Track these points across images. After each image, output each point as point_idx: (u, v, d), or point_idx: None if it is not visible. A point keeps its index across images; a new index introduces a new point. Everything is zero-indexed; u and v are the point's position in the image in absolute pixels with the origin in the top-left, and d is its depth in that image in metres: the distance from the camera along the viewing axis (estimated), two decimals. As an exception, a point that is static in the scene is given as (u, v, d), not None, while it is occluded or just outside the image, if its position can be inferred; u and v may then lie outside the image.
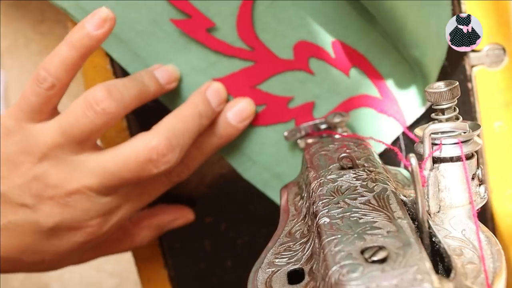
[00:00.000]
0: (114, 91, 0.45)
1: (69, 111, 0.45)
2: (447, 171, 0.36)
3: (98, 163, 0.46)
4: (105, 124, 0.45)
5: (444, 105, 0.37)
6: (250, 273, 0.35)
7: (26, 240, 0.47)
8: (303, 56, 0.51)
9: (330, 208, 0.34)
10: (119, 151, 0.46)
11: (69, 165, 0.46)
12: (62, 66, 0.45)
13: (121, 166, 0.45)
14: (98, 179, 0.46)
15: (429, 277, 0.26)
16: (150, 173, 0.46)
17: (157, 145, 0.45)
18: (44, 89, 0.45)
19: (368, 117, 0.52)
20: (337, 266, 0.28)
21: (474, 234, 0.33)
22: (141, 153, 0.45)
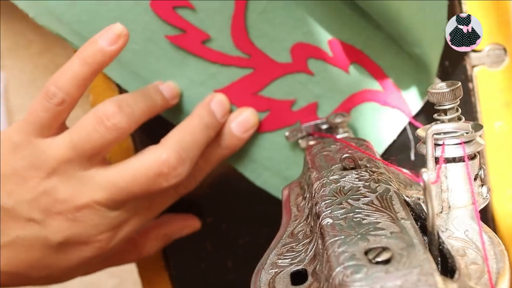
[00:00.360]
0: (124, 106, 0.45)
1: (79, 126, 0.45)
2: (450, 171, 0.36)
3: (108, 177, 0.46)
4: (116, 139, 0.45)
5: (447, 106, 0.37)
6: (251, 274, 0.35)
7: (35, 255, 0.47)
8: (301, 57, 0.51)
9: (333, 209, 0.34)
10: (128, 165, 0.46)
11: (78, 180, 0.45)
12: (73, 82, 0.45)
13: (130, 181, 0.45)
14: (107, 194, 0.46)
15: (433, 278, 0.26)
16: (160, 186, 0.46)
17: (168, 158, 0.45)
18: (54, 104, 0.45)
19: (372, 111, 0.52)
20: (341, 267, 0.28)
21: (477, 234, 0.33)
22: (151, 167, 0.45)
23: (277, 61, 0.51)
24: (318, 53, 0.51)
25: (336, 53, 0.51)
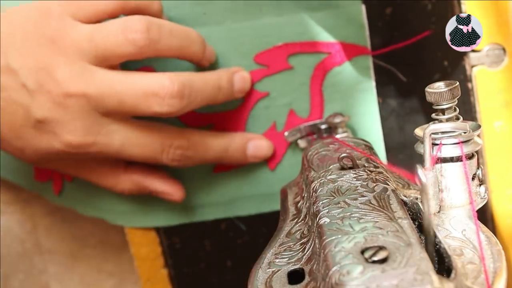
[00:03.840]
0: (153, 30, 0.45)
1: (105, 25, 0.46)
2: (448, 171, 0.36)
3: (107, 77, 0.46)
4: (130, 54, 0.46)
5: (445, 105, 0.37)
6: (250, 273, 0.35)
7: (16, 121, 0.47)
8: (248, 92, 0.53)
9: (330, 208, 0.34)
10: (131, 76, 0.46)
11: (80, 69, 0.45)
12: (154, 11, 0.48)
13: (126, 89, 0.45)
14: (100, 93, 0.45)
15: (430, 277, 0.26)
16: (151, 108, 0.46)
17: (170, 85, 0.45)
18: (104, 4, 0.47)
19: (337, 75, 0.52)
20: (337, 266, 0.28)
21: (474, 234, 0.33)
22: (151, 84, 0.45)
23: (232, 109, 0.52)
24: (258, 74, 0.52)
25: (270, 62, 0.52)
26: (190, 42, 0.48)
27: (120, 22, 0.46)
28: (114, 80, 0.46)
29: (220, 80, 0.49)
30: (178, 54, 0.48)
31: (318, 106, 0.52)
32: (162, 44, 0.46)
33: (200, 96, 0.48)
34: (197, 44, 0.49)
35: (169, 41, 0.46)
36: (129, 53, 0.45)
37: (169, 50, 0.47)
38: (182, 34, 0.48)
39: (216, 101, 0.50)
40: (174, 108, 0.46)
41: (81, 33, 0.46)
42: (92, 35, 0.45)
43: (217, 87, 0.49)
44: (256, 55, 0.52)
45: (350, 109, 0.52)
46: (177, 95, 0.45)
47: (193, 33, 0.49)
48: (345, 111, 0.52)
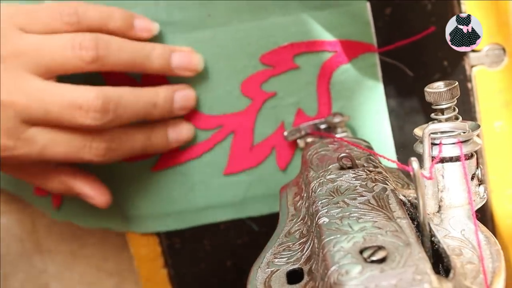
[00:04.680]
0: (102, 47, 0.46)
1: (54, 38, 0.46)
2: (447, 171, 0.36)
3: (39, 88, 0.46)
4: (76, 68, 0.46)
5: (444, 105, 0.37)
6: (249, 273, 0.35)
7: None
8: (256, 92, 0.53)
9: (329, 208, 0.34)
10: (61, 87, 0.46)
11: (15, 77, 0.46)
12: (91, 22, 0.47)
13: (54, 100, 0.46)
14: (29, 102, 0.46)
15: (428, 277, 0.26)
16: (74, 120, 0.46)
17: (95, 99, 0.46)
18: (61, 20, 0.47)
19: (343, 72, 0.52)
20: (336, 266, 0.28)
21: (473, 234, 0.33)
22: (77, 97, 0.46)
23: (240, 110, 0.53)
24: (262, 76, 0.52)
25: (276, 62, 0.52)
26: (144, 55, 0.49)
27: (69, 37, 0.46)
28: (44, 90, 0.46)
29: (157, 97, 0.50)
30: (129, 69, 0.49)
31: (326, 104, 0.52)
32: (110, 59, 0.47)
33: (130, 111, 0.48)
34: (156, 57, 0.49)
35: (118, 56, 0.47)
36: (75, 67, 0.46)
37: (118, 65, 0.48)
38: (135, 49, 0.48)
39: (152, 117, 0.50)
40: (97, 121, 0.46)
41: (27, 42, 0.46)
42: (39, 45, 0.46)
43: (151, 103, 0.49)
44: (262, 56, 0.52)
45: (358, 107, 0.52)
46: (100, 110, 0.46)
47: (155, 48, 0.49)
48: (353, 109, 0.52)
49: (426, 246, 0.33)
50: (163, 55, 0.50)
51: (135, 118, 0.49)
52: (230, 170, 0.54)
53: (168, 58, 0.50)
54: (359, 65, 0.52)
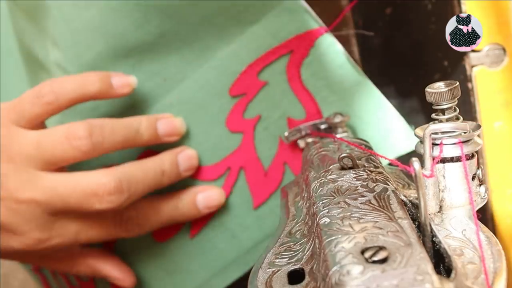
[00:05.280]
0: (96, 134, 0.47)
1: (51, 132, 0.48)
2: (448, 171, 0.36)
3: (52, 182, 0.48)
4: (76, 159, 0.48)
5: (445, 105, 0.37)
6: (250, 273, 0.35)
7: None
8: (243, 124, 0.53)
9: (330, 208, 0.34)
10: (73, 177, 0.48)
11: (29, 176, 0.48)
12: (68, 94, 0.48)
13: (68, 191, 0.47)
14: (46, 197, 0.48)
15: (430, 277, 0.26)
16: (93, 207, 0.47)
17: (107, 183, 0.47)
18: (41, 102, 0.48)
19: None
20: (337, 266, 0.28)
21: (474, 234, 0.33)
22: (90, 185, 0.47)
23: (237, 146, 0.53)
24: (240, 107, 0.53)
25: (245, 89, 0.52)
26: (134, 132, 0.50)
27: (63, 129, 0.48)
28: (58, 183, 0.48)
29: (162, 165, 0.51)
30: (127, 146, 0.50)
31: (309, 101, 0.52)
32: (106, 144, 0.48)
33: (141, 185, 0.49)
34: (148, 130, 0.50)
35: (112, 139, 0.48)
36: (75, 158, 0.48)
37: (114, 147, 0.49)
38: (127, 128, 0.49)
39: (162, 185, 0.51)
40: (114, 203, 0.48)
41: (27, 140, 0.48)
42: (38, 142, 0.48)
43: (159, 172, 0.50)
44: (230, 90, 0.52)
45: (339, 87, 0.52)
46: (115, 192, 0.47)
47: (142, 120, 0.50)
48: (336, 92, 0.52)
49: (427, 246, 0.33)
50: (150, 125, 0.51)
51: (148, 191, 0.50)
52: (258, 202, 0.54)
53: (155, 128, 0.51)
54: (319, 51, 0.51)
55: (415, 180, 0.31)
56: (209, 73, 0.52)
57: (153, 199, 0.52)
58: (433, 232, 0.33)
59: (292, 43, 0.51)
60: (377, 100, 0.51)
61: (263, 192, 0.53)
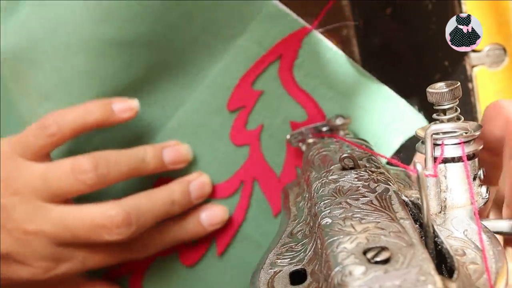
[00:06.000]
0: (101, 166, 0.48)
1: (56, 165, 0.49)
2: (449, 171, 0.36)
3: (60, 215, 0.48)
4: (82, 191, 0.48)
5: (446, 106, 0.37)
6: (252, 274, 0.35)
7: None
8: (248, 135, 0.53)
9: (332, 208, 0.34)
10: (81, 209, 0.48)
11: (35, 208, 0.48)
12: (71, 124, 0.49)
13: (77, 224, 0.48)
14: (55, 229, 0.48)
15: (432, 277, 0.26)
16: (101, 238, 0.48)
17: (115, 215, 0.48)
18: (45, 134, 0.48)
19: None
20: (339, 266, 0.28)
21: (476, 234, 0.33)
22: (98, 217, 0.48)
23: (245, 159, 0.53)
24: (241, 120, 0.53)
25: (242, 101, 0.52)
26: (139, 161, 0.50)
27: (69, 163, 0.48)
28: (66, 216, 0.48)
29: (172, 195, 0.51)
30: (130, 176, 0.50)
31: (308, 101, 0.52)
32: (111, 176, 0.49)
33: (150, 216, 0.50)
34: (153, 160, 0.51)
35: (117, 171, 0.49)
36: (80, 191, 0.49)
37: (120, 178, 0.49)
38: (132, 158, 0.50)
39: (174, 214, 0.52)
40: (123, 235, 0.48)
41: (33, 173, 0.49)
42: (44, 175, 0.49)
43: (169, 202, 0.51)
44: (228, 105, 0.52)
45: (335, 82, 0.52)
46: (123, 224, 0.48)
47: (146, 149, 0.51)
48: (333, 87, 0.52)
49: (430, 246, 0.33)
50: (156, 154, 0.51)
51: (158, 219, 0.51)
52: (277, 209, 0.54)
53: (161, 157, 0.51)
54: (308, 50, 0.51)
55: (417, 181, 0.31)
56: (205, 93, 0.52)
57: (159, 224, 0.52)
58: (435, 233, 0.33)
59: (279, 48, 0.51)
60: (375, 86, 0.52)
61: (280, 199, 0.53)
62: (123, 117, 0.50)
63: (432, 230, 0.33)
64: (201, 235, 0.53)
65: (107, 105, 0.50)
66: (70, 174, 0.48)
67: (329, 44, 0.51)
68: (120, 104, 0.50)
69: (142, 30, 0.50)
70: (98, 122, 0.50)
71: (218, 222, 0.53)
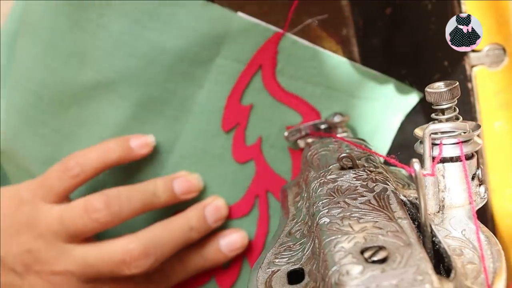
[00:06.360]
0: (113, 204, 0.49)
1: (71, 207, 0.50)
2: (447, 171, 0.36)
3: (82, 254, 0.50)
4: (97, 229, 0.50)
5: (444, 105, 0.37)
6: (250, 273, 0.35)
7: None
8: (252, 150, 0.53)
9: (330, 208, 0.34)
10: (101, 247, 0.50)
11: (59, 249, 0.50)
12: (93, 163, 0.50)
13: (99, 261, 0.49)
14: (79, 268, 0.49)
15: (429, 277, 0.26)
16: (123, 273, 0.49)
17: (133, 249, 0.48)
18: (68, 176, 0.50)
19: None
20: (337, 266, 0.28)
21: (474, 234, 0.33)
22: (117, 253, 0.49)
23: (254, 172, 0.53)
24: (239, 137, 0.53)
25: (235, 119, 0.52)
26: (151, 195, 0.51)
27: (82, 203, 0.49)
28: (88, 255, 0.50)
29: (189, 221, 0.51)
30: (143, 211, 0.51)
31: (299, 103, 0.52)
32: (124, 213, 0.49)
33: (169, 246, 0.50)
34: (165, 193, 0.51)
35: (130, 207, 0.50)
36: (95, 230, 0.49)
37: (133, 214, 0.50)
38: (143, 192, 0.50)
39: (192, 241, 0.52)
40: (142, 268, 0.49)
41: (52, 216, 0.50)
42: (61, 218, 0.50)
43: (187, 230, 0.51)
44: (222, 126, 0.52)
45: (320, 78, 0.52)
46: (142, 257, 0.49)
47: (157, 182, 0.51)
48: (320, 83, 0.51)
49: (427, 246, 0.33)
50: (167, 187, 0.51)
51: (177, 248, 0.51)
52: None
53: (172, 189, 0.52)
54: (286, 53, 0.51)
55: (415, 180, 0.31)
56: (197, 120, 0.52)
57: (179, 253, 0.52)
58: (433, 232, 0.33)
59: (257, 59, 0.51)
60: (361, 71, 0.51)
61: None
62: (142, 153, 0.51)
63: (430, 229, 0.33)
64: (223, 261, 0.54)
65: (125, 143, 0.51)
66: (84, 214, 0.49)
67: (305, 43, 0.51)
68: (137, 141, 0.51)
69: (117, 68, 0.51)
70: (119, 160, 0.51)
71: (238, 248, 0.53)
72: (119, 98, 0.52)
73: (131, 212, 0.50)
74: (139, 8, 0.50)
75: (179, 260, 0.52)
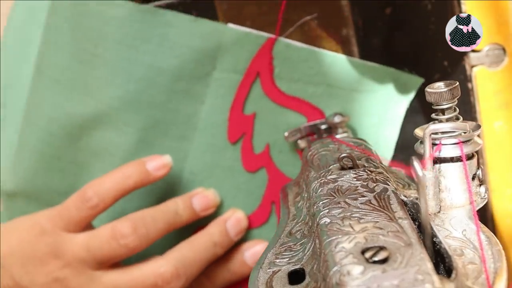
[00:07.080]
0: (140, 227, 0.49)
1: (97, 233, 0.49)
2: (448, 171, 0.36)
3: (112, 280, 0.49)
4: (126, 255, 0.49)
5: (444, 105, 0.37)
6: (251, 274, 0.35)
7: None
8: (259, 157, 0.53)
9: (330, 208, 0.34)
10: (131, 272, 0.49)
11: (87, 277, 0.49)
12: (110, 191, 0.49)
13: (130, 286, 0.49)
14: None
15: (430, 277, 0.26)
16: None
17: (164, 272, 0.48)
18: (87, 207, 0.49)
19: None
20: (337, 266, 0.28)
21: (474, 234, 0.33)
22: (148, 277, 0.49)
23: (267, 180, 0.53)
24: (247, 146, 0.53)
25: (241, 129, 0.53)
26: (173, 214, 0.51)
27: (108, 230, 0.49)
28: (118, 281, 0.49)
29: (213, 237, 0.51)
30: (170, 230, 0.51)
31: (302, 105, 0.52)
32: (151, 236, 0.49)
33: (197, 264, 0.50)
34: (185, 211, 0.51)
35: (156, 229, 0.49)
36: (124, 254, 0.49)
37: (159, 235, 0.50)
38: (166, 213, 0.50)
39: (218, 256, 0.52)
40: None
41: (77, 245, 0.49)
42: (87, 245, 0.49)
43: (211, 246, 0.51)
44: (229, 139, 0.52)
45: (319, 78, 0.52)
46: (173, 279, 0.49)
47: (177, 201, 0.51)
48: (319, 83, 0.51)
49: (428, 246, 0.33)
50: (186, 205, 0.52)
51: (205, 265, 0.51)
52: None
53: (191, 206, 0.52)
54: (281, 58, 0.51)
55: (416, 181, 0.31)
56: (203, 136, 0.53)
57: (207, 269, 0.53)
58: (434, 232, 0.33)
59: (253, 67, 0.51)
60: (359, 65, 0.51)
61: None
62: (159, 175, 0.51)
63: (430, 229, 0.33)
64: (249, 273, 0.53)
65: (142, 167, 0.50)
66: (111, 240, 0.49)
67: (299, 44, 0.51)
68: (154, 163, 0.51)
69: (117, 95, 0.51)
70: (136, 185, 0.50)
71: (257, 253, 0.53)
72: (123, 125, 0.52)
73: (158, 233, 0.50)
74: (131, 34, 0.50)
75: (206, 277, 0.53)
